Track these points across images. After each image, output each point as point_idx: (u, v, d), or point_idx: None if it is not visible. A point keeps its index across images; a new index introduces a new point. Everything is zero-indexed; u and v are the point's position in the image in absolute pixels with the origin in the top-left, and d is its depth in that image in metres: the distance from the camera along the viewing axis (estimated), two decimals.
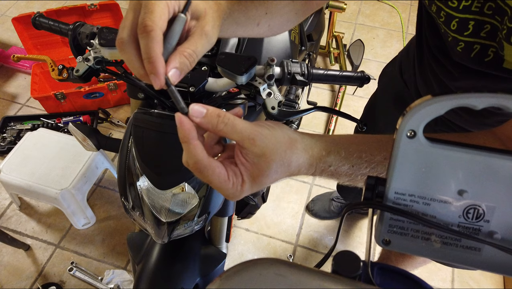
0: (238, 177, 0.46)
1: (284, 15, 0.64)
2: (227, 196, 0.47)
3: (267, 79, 0.71)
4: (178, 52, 0.43)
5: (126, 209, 0.85)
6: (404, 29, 2.67)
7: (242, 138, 0.45)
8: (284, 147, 0.48)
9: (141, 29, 0.41)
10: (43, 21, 0.83)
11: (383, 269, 0.49)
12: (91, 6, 2.15)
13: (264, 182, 0.47)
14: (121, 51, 0.43)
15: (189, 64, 0.44)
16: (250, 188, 0.47)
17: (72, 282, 1.63)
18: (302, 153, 0.49)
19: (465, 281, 1.67)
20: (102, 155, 1.77)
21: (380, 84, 1.15)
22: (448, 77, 0.73)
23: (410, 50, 0.93)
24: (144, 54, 0.41)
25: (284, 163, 0.47)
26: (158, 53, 0.41)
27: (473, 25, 0.58)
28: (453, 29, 0.61)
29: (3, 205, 1.86)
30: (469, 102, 0.35)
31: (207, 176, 0.45)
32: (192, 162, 0.44)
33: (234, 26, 0.56)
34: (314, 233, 1.80)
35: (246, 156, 0.46)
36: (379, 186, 0.41)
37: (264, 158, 0.46)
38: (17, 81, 2.36)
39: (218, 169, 0.45)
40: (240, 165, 0.47)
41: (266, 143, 0.46)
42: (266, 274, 0.37)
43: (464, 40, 0.60)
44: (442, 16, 0.62)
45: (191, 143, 0.44)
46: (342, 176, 0.52)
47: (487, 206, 0.38)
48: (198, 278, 1.01)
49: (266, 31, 0.64)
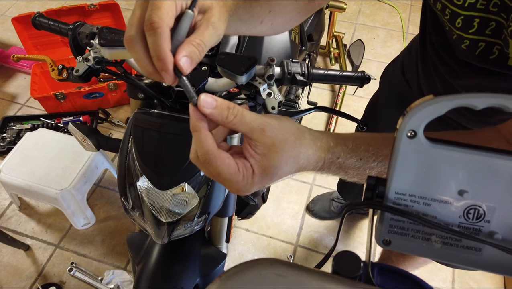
0: (248, 169, 0.45)
1: (287, 14, 0.64)
2: (237, 189, 0.46)
3: (267, 79, 0.71)
4: (186, 42, 0.43)
5: (126, 209, 0.85)
6: (405, 29, 2.67)
7: (252, 129, 0.45)
8: (293, 138, 0.47)
9: (148, 26, 0.40)
10: (43, 21, 0.83)
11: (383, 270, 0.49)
12: (91, 6, 2.15)
13: (275, 173, 0.46)
14: (129, 49, 0.43)
15: (198, 53, 0.43)
16: (260, 181, 0.46)
17: (72, 282, 1.63)
18: (310, 144, 0.49)
19: (465, 281, 1.67)
20: (102, 155, 1.77)
21: (381, 83, 1.15)
22: (452, 76, 0.73)
23: (412, 50, 0.93)
24: (153, 52, 0.41)
25: (293, 154, 0.47)
26: (167, 49, 0.41)
27: (478, 22, 0.58)
28: (458, 27, 0.61)
29: (3, 205, 1.86)
30: (469, 102, 0.35)
31: (216, 167, 0.44)
32: (202, 152, 0.44)
33: (237, 23, 0.56)
34: (314, 233, 1.80)
35: (256, 148, 0.45)
36: (379, 186, 0.41)
37: (274, 149, 0.45)
38: (17, 81, 2.36)
39: (228, 160, 0.44)
40: (250, 158, 0.46)
41: (276, 133, 0.46)
42: (266, 274, 0.37)
43: (469, 38, 0.60)
44: (447, 14, 0.62)
45: (202, 132, 0.43)
46: (350, 169, 0.51)
47: (487, 206, 0.38)
48: (198, 278, 1.01)
49: (269, 29, 0.64)
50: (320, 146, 0.50)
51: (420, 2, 2.99)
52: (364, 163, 0.50)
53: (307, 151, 0.48)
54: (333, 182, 1.92)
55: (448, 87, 0.75)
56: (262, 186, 0.47)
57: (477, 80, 0.67)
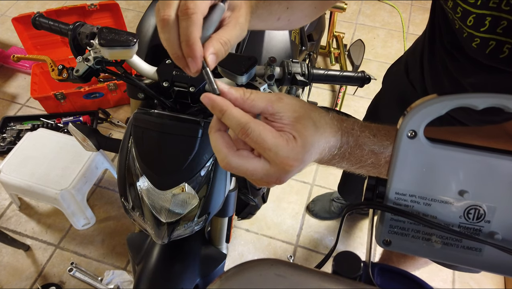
0: (288, 134, 0.42)
1: (304, 10, 0.65)
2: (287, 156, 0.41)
3: (268, 79, 0.71)
4: (215, 39, 0.43)
5: (126, 209, 0.85)
6: (405, 29, 2.67)
7: (270, 100, 0.43)
8: (308, 108, 0.45)
9: (182, 11, 0.41)
10: (43, 21, 0.83)
11: (383, 270, 0.49)
12: (91, 6, 2.15)
13: (312, 136, 0.43)
14: (162, 29, 0.43)
15: (223, 52, 0.44)
16: (302, 146, 0.42)
17: (72, 282, 1.63)
18: (324, 113, 0.47)
19: (465, 282, 1.67)
20: (102, 156, 1.77)
21: (384, 84, 1.15)
22: (462, 73, 0.72)
23: (416, 50, 0.93)
24: (183, 36, 0.41)
25: (315, 122, 0.44)
26: (197, 37, 0.41)
27: (490, 21, 0.58)
28: (469, 25, 0.61)
29: (3, 206, 1.86)
30: (469, 102, 0.35)
31: (259, 133, 0.41)
32: (239, 126, 0.41)
33: (256, 21, 0.57)
34: (315, 233, 1.80)
35: (282, 120, 0.43)
36: (379, 187, 0.41)
37: (298, 112, 0.43)
38: (17, 81, 2.36)
39: (267, 126, 0.42)
40: (282, 128, 0.43)
41: (293, 101, 0.44)
42: (266, 274, 0.37)
43: (480, 36, 0.60)
44: (458, 12, 0.61)
45: (231, 109, 0.42)
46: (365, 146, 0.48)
47: (488, 206, 0.38)
48: (198, 278, 1.01)
49: (285, 25, 0.65)
50: (332, 116, 0.48)
51: (420, 2, 3.00)
52: (378, 141, 0.48)
53: (325, 118, 0.46)
54: (333, 182, 1.92)
55: (456, 85, 0.75)
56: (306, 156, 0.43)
57: (487, 77, 0.67)
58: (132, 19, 2.70)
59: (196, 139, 0.77)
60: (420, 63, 0.89)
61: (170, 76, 0.78)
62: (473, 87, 0.72)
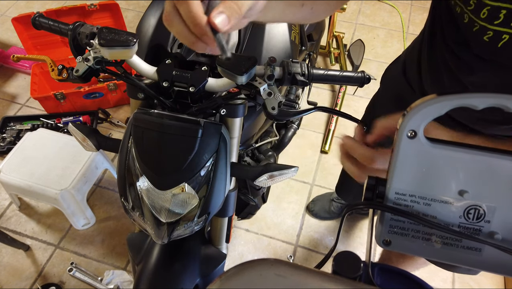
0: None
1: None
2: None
3: (268, 79, 0.71)
4: (222, 2, 0.42)
5: (126, 209, 0.85)
6: (405, 29, 2.67)
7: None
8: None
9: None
10: (43, 21, 0.82)
11: (383, 270, 0.49)
12: (91, 6, 2.15)
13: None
14: (170, 27, 0.43)
15: (237, 9, 0.41)
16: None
17: (72, 282, 1.63)
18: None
19: (465, 282, 1.67)
20: (102, 156, 1.77)
21: (382, 83, 1.15)
22: (464, 71, 0.72)
23: (414, 49, 0.92)
24: (187, 19, 0.41)
25: None
26: (199, 12, 0.40)
27: (505, 14, 0.57)
28: (482, 18, 0.60)
29: (2, 206, 1.86)
30: (469, 102, 0.35)
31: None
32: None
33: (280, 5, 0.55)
34: (315, 233, 1.80)
35: None
36: (379, 187, 0.41)
37: None
38: (16, 81, 2.36)
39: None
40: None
41: None
42: (266, 274, 0.37)
43: (493, 29, 0.60)
44: (471, 4, 0.61)
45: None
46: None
47: (488, 206, 0.38)
48: (198, 278, 1.01)
49: (308, 14, 0.64)
50: None
51: (420, 2, 2.99)
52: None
53: None
54: (333, 182, 1.92)
55: (457, 84, 0.75)
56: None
57: (489, 74, 0.67)
58: (132, 19, 2.70)
59: (196, 139, 0.77)
60: (418, 62, 0.88)
61: (170, 76, 0.78)
62: (474, 86, 0.72)
